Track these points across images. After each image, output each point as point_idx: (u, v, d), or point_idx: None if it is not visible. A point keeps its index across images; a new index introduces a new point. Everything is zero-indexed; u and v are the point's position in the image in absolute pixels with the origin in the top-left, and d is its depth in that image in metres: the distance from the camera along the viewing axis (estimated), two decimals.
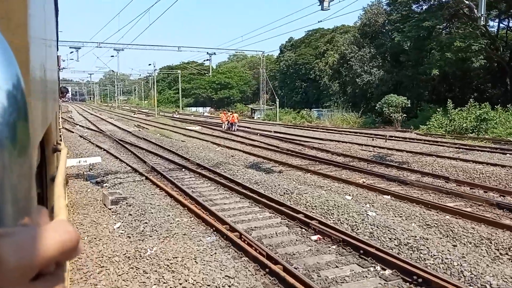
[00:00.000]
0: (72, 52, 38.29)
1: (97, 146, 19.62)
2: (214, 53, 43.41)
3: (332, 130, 30.02)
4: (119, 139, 22.52)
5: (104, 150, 18.14)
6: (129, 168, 13.60)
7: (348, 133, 27.24)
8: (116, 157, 15.85)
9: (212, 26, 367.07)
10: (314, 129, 30.97)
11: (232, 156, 16.33)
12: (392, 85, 35.42)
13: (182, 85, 71.67)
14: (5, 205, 0.29)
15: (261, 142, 21.82)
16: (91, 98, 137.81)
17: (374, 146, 19.19)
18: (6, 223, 0.30)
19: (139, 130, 29.66)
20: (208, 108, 75.28)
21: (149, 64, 59.76)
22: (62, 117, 27.69)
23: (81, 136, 24.11)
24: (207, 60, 42.98)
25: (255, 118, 49.31)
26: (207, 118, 48.21)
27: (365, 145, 19.86)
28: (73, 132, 26.46)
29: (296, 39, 68.94)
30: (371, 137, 23.51)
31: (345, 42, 38.93)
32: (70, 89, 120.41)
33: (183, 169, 13.38)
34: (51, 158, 1.63)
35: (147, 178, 11.79)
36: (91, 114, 57.15)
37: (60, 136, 5.22)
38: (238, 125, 29.80)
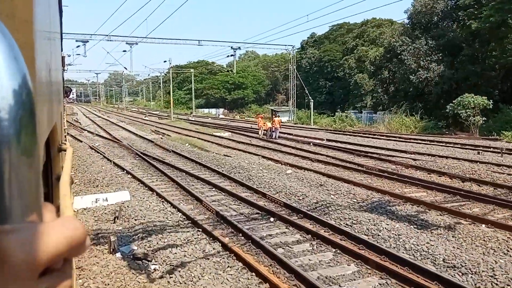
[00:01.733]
0: (78, 46, 33.15)
1: (115, 164, 14.32)
2: (239, 48, 38.10)
3: (395, 137, 24.54)
4: (141, 152, 17.22)
5: (128, 172, 12.84)
6: (180, 214, 8.25)
7: (423, 142, 21.68)
8: (150, 188, 10.52)
9: (234, 22, 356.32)
10: (371, 136, 25.52)
11: (321, 185, 10.93)
12: (454, 82, 29.93)
13: (193, 85, 66.15)
14: (12, 202, 0.30)
15: (327, 156, 16.45)
16: (96, 99, 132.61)
17: (497, 165, 13.78)
18: (14, 220, 0.30)
19: (161, 138, 24.34)
20: (221, 110, 69.92)
21: (165, 61, 54.88)
22: (67, 121, 22.45)
23: (91, 148, 18.86)
24: (231, 55, 37.64)
25: None
26: (228, 121, 42.79)
27: (480, 162, 14.44)
28: (81, 142, 21.17)
29: (319, 34, 63.41)
30: (472, 149, 18.11)
31: (394, 33, 33.44)
32: (75, 90, 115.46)
33: (272, 219, 7.99)
34: (56, 158, 1.55)
35: (224, 245, 6.42)
36: (99, 116, 51.93)
37: (65, 136, 4.53)
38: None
